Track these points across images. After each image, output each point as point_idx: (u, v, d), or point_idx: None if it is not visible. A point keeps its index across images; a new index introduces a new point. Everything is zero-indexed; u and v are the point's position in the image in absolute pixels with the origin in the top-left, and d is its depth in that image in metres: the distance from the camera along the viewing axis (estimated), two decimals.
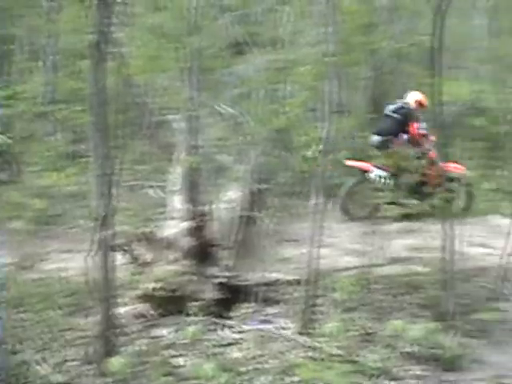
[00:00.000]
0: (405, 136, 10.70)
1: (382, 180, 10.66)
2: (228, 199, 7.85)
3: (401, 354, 5.92)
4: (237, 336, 6.28)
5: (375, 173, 10.66)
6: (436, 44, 6.29)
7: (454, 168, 10.40)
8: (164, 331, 6.39)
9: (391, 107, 11.01)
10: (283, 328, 6.39)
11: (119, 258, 7.14)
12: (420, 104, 10.82)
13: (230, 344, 6.16)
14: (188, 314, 6.45)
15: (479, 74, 13.72)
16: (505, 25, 13.70)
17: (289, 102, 7.97)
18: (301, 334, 6.16)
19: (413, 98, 10.92)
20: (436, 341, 6.02)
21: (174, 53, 8.67)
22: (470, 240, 8.62)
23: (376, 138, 10.85)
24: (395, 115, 10.89)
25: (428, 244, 7.90)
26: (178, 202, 7.75)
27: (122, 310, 6.42)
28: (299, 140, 7.69)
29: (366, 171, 10.74)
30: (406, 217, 10.14)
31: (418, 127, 10.69)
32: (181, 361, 5.82)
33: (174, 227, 7.37)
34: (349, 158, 10.93)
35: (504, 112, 11.69)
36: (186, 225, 7.23)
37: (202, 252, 7.09)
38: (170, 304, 6.59)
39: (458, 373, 5.86)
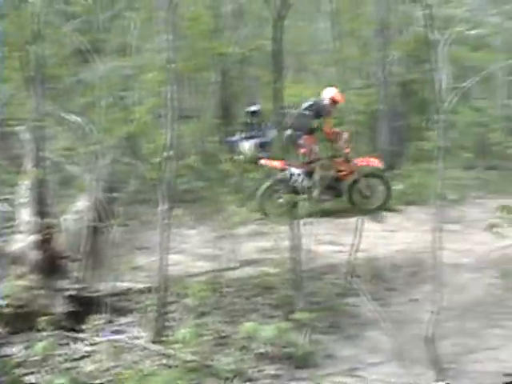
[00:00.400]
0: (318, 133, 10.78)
1: (295, 178, 10.63)
2: (76, 210, 7.72)
3: (255, 355, 5.99)
4: (89, 349, 6.16)
5: (289, 171, 10.59)
6: (276, 48, 6.39)
7: (371, 163, 10.54)
8: (14, 349, 6.19)
9: (305, 104, 10.95)
10: (136, 337, 6.33)
11: None
12: (333, 101, 10.81)
13: (82, 357, 6.04)
14: (38, 330, 6.27)
15: (325, 76, 14.06)
16: (346, 28, 14.09)
17: (136, 109, 7.88)
18: (154, 342, 6.12)
19: (327, 94, 10.92)
20: (288, 340, 6.11)
21: (17, 62, 8.45)
22: (319, 238, 8.83)
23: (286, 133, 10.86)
24: (307, 112, 10.82)
25: (279, 245, 8.02)
26: (26, 215, 7.54)
27: None
28: (148, 147, 7.64)
29: (281, 170, 10.67)
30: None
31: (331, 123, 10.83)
32: (32, 378, 5.67)
33: (22, 241, 7.18)
34: (262, 158, 11.09)
35: (349, 112, 12.04)
36: (33, 238, 7.05)
37: (51, 265, 6.92)
38: (19, 320, 6.39)
39: (311, 369, 5.97)
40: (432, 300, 5.02)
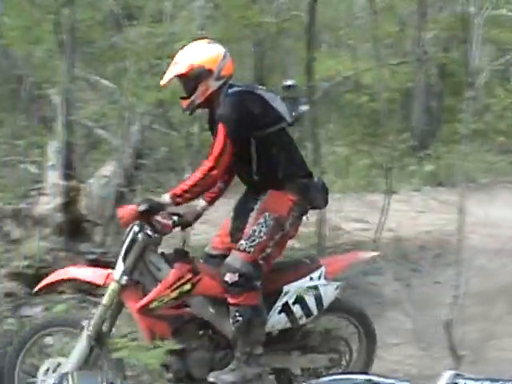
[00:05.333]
0: None
1: None
2: (103, 174, 7.69)
3: None
4: None
5: None
6: (310, 19, 6.30)
7: None
8: (34, 310, 6.21)
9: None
10: None
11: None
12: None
13: None
14: (59, 292, 6.28)
15: (360, 52, 13.88)
16: (384, 3, 13.90)
17: None
18: None
19: None
20: None
21: (50, 24, 8.44)
22: (346, 215, 8.78)
23: None
24: None
25: (306, 219, 7.95)
26: (53, 178, 7.55)
27: None
28: (179, 116, 7.57)
29: None
30: None
31: None
32: (50, 340, 5.67)
33: (48, 203, 7.18)
34: None
35: (382, 90, 11.91)
36: (58, 200, 7.05)
37: (74, 228, 6.94)
38: (40, 282, 6.41)
39: None
40: (455, 284, 4.91)
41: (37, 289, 4.65)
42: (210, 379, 4.29)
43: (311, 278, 4.49)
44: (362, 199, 10.03)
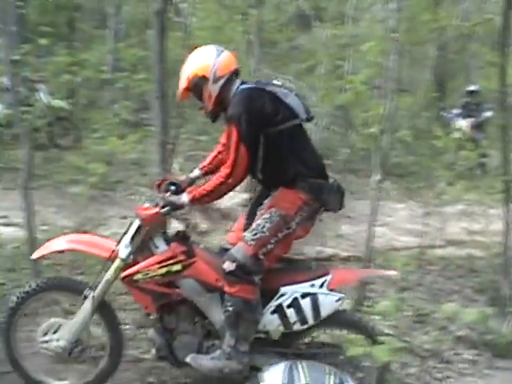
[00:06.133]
0: None
1: None
2: None
3: (453, 338, 5.85)
4: None
5: None
6: (505, 22, 6.14)
7: None
8: None
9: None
10: None
11: (178, 227, 7.18)
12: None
13: None
14: None
15: None
16: None
17: (351, 79, 7.84)
18: (355, 310, 6.09)
19: None
20: (490, 326, 5.92)
21: (238, 25, 8.68)
22: None
23: None
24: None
25: (487, 228, 7.77)
26: None
27: None
28: (361, 117, 7.56)
29: None
30: None
31: None
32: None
33: (233, 198, 7.37)
34: None
35: None
36: (244, 196, 7.23)
37: None
38: None
39: (511, 360, 5.76)
40: None
41: (36, 256, 4.62)
42: (187, 360, 4.29)
43: (312, 285, 4.29)
44: None
